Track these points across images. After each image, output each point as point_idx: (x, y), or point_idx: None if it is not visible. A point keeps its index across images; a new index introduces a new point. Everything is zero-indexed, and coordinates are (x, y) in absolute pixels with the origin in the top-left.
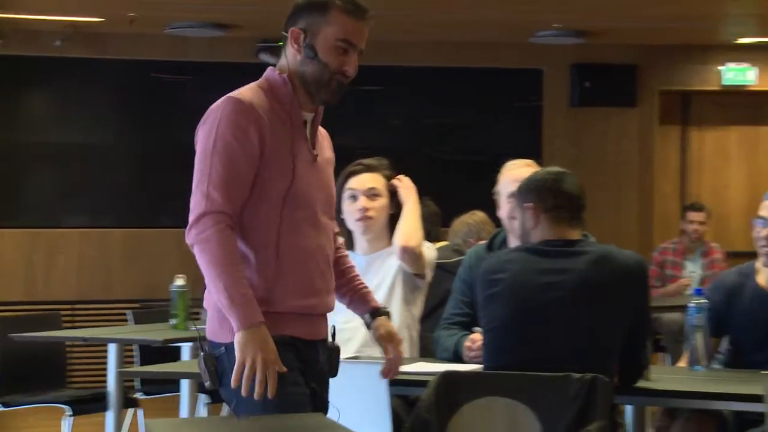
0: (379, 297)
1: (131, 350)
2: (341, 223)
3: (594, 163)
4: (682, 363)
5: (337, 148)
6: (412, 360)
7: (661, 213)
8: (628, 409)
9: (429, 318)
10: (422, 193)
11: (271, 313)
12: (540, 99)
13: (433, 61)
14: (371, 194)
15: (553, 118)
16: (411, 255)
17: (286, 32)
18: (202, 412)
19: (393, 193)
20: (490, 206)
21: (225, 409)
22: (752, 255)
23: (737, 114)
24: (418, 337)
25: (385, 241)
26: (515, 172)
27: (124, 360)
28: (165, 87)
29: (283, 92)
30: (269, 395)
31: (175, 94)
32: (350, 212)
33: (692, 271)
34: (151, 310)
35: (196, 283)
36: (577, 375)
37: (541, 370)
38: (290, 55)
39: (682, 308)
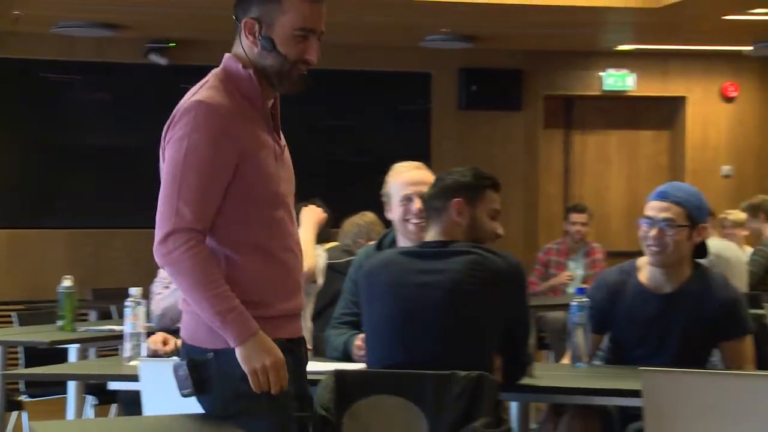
0: None
1: (16, 352)
2: None
3: (481, 165)
4: (565, 360)
5: None
6: None
7: (546, 214)
8: (513, 406)
9: (320, 317)
10: (312, 194)
11: (265, 318)
12: (429, 102)
13: (323, 64)
14: None
15: (441, 121)
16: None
17: (239, 21)
18: (89, 413)
19: None
20: (380, 207)
21: (113, 411)
22: (632, 255)
23: (617, 118)
24: (310, 337)
25: None
26: (407, 175)
27: (8, 362)
28: (52, 86)
29: (248, 87)
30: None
31: (62, 93)
32: None
33: (575, 270)
34: (37, 312)
35: (83, 284)
36: (463, 373)
37: (420, 369)
38: (246, 47)
39: (565, 307)
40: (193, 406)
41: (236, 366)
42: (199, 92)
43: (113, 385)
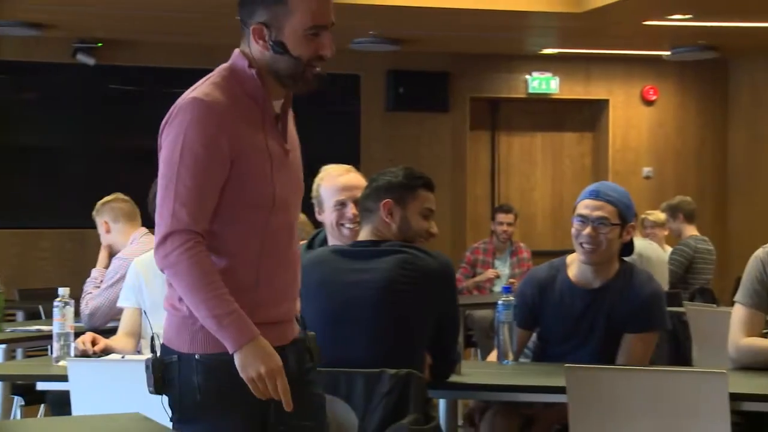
0: None
1: None
2: None
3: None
4: (492, 357)
5: (141, 151)
6: None
7: (473, 214)
8: (441, 403)
9: None
10: None
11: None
12: (357, 103)
13: None
14: None
15: (369, 122)
16: None
17: (245, 25)
18: (17, 414)
19: None
20: (309, 207)
21: (41, 412)
22: (556, 254)
23: (542, 120)
24: None
25: None
26: (341, 180)
27: None
28: None
29: (252, 87)
30: (286, 407)
31: None
32: None
33: (501, 269)
34: None
35: (10, 284)
36: (392, 371)
37: (351, 367)
38: (257, 51)
39: (492, 305)
40: (123, 406)
41: (195, 373)
42: (199, 89)
43: (42, 386)
